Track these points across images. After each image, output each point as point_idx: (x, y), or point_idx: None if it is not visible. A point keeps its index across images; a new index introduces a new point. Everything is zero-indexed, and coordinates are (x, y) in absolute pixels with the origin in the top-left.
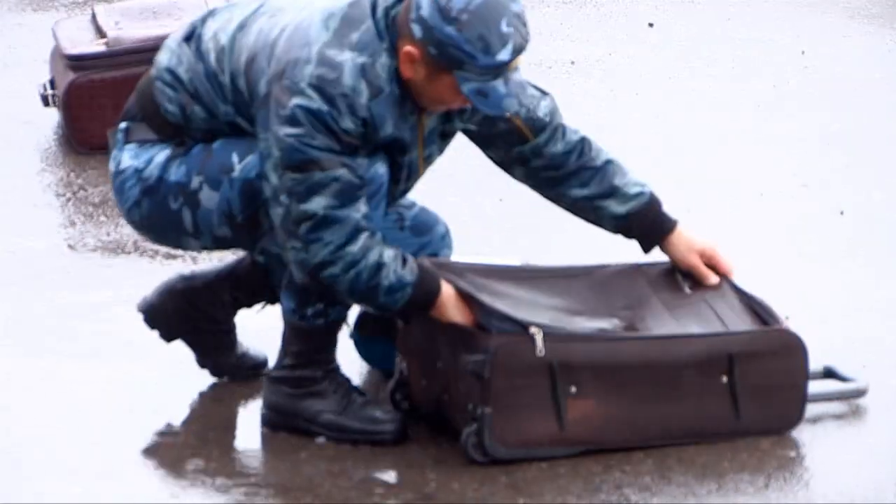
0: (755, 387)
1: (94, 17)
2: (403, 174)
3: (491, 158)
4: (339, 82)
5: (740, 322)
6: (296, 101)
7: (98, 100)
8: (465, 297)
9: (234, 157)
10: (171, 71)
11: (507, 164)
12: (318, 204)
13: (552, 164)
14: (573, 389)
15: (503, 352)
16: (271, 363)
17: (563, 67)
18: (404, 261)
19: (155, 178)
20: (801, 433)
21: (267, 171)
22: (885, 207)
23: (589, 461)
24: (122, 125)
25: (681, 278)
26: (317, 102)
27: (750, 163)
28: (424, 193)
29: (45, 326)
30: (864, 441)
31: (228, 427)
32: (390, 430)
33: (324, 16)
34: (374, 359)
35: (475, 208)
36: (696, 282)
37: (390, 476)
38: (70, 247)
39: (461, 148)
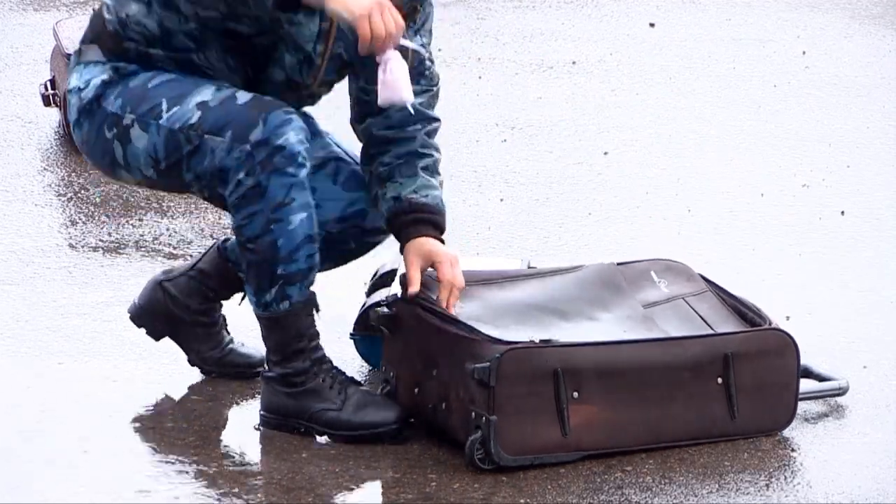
0: (749, 387)
1: None
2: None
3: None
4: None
5: (726, 324)
6: None
7: None
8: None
9: (164, 104)
10: None
11: (360, 118)
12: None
13: (395, 124)
14: (575, 394)
15: (508, 359)
16: None
17: (565, 67)
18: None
19: (90, 99)
20: (802, 433)
21: None
22: (885, 208)
23: (590, 461)
24: (76, 48)
25: (655, 276)
26: None
27: (750, 163)
28: None
29: (46, 326)
30: (865, 441)
31: (229, 427)
32: (392, 420)
33: None
34: (374, 358)
35: (475, 208)
36: (672, 280)
37: (391, 475)
38: (71, 246)
39: (460, 148)
